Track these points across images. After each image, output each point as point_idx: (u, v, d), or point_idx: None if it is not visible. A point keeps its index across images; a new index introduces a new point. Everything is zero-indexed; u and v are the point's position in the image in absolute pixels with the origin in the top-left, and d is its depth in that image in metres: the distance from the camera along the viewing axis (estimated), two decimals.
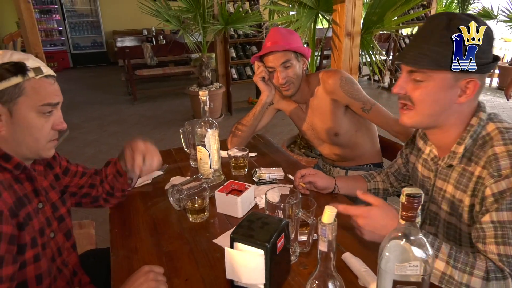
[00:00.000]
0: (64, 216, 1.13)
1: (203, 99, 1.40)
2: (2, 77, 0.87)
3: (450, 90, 0.93)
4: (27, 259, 0.91)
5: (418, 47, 0.94)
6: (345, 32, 2.20)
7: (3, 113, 0.90)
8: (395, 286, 0.70)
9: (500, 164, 0.88)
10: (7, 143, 0.93)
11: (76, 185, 1.24)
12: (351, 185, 1.40)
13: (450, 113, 0.97)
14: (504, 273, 0.83)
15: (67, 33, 8.89)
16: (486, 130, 0.96)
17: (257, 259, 0.84)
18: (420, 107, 0.97)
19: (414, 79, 0.95)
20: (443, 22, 0.91)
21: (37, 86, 0.92)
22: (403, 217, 0.67)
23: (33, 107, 0.92)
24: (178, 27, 4.59)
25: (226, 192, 1.28)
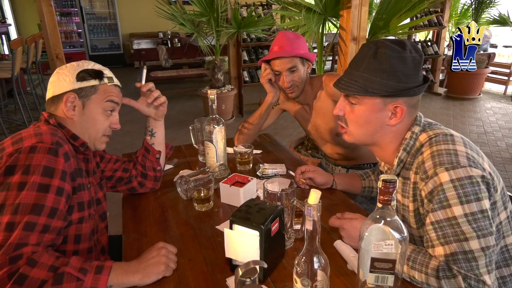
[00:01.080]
0: (101, 200, 1.28)
1: (211, 98, 1.50)
2: (85, 78, 1.12)
3: (380, 112, 1.02)
4: (73, 219, 1.07)
5: (350, 73, 1.04)
6: (351, 37, 2.28)
7: (78, 104, 1.12)
8: (373, 263, 0.79)
9: (425, 166, 0.96)
10: (75, 129, 1.14)
11: (111, 169, 1.39)
12: (347, 182, 1.48)
13: (384, 133, 1.06)
14: (453, 271, 0.87)
15: (86, 35, 9.17)
16: (419, 141, 1.03)
17: (252, 240, 0.93)
18: (354, 128, 1.07)
19: (350, 102, 1.05)
20: (371, 51, 1.00)
21: (107, 89, 1.17)
22: (380, 201, 0.75)
23: (100, 104, 1.15)
24: (192, 30, 4.73)
25: (230, 183, 1.37)
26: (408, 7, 2.30)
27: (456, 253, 0.88)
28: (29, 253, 0.86)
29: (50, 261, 0.88)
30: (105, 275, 0.91)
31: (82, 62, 1.17)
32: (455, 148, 0.95)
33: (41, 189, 0.93)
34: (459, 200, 0.88)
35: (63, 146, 1.02)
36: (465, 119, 5.27)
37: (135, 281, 0.96)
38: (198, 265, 1.05)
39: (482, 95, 6.40)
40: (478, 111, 5.67)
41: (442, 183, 0.91)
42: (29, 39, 5.02)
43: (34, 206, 0.91)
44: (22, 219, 0.88)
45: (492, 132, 4.76)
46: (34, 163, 0.94)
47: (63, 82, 1.12)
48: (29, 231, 0.89)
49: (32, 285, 0.84)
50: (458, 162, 0.92)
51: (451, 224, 0.89)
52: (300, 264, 0.80)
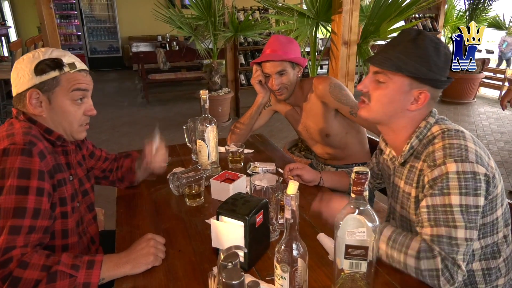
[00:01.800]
0: (88, 191, 1.30)
1: (203, 98, 1.56)
2: (43, 71, 1.05)
3: (404, 95, 1.07)
4: (56, 214, 1.08)
5: (386, 52, 1.08)
6: (342, 41, 2.34)
7: (43, 100, 1.08)
8: (347, 250, 0.84)
9: (435, 155, 1.01)
10: (48, 123, 1.11)
11: (100, 168, 1.45)
12: (335, 179, 1.54)
13: (401, 116, 1.10)
14: (434, 252, 0.92)
15: (85, 38, 9.23)
16: (431, 132, 1.09)
17: (237, 230, 0.98)
18: (376, 105, 1.11)
19: (377, 80, 1.09)
20: (411, 36, 1.05)
21: (70, 78, 1.09)
22: (353, 191, 0.81)
23: (67, 95, 1.09)
24: (190, 34, 4.80)
25: (220, 180, 1.43)
26: (397, 12, 2.37)
27: (442, 236, 0.94)
28: (18, 255, 0.89)
29: (41, 261, 0.91)
30: (97, 269, 0.96)
31: (38, 52, 1.08)
32: (466, 144, 1.00)
33: (20, 191, 0.94)
34: (459, 191, 0.95)
35: (36, 145, 1.00)
36: (459, 123, 5.34)
37: (125, 271, 1.01)
38: (187, 256, 1.11)
39: (476, 100, 6.48)
40: (472, 115, 5.75)
41: (448, 172, 0.96)
42: (28, 41, 5.09)
43: (16, 210, 0.92)
44: (5, 223, 0.90)
45: (485, 136, 4.84)
46: (9, 166, 0.94)
47: (23, 78, 1.06)
48: (15, 234, 0.90)
49: (26, 286, 0.88)
50: (467, 157, 0.97)
51: (445, 211, 0.95)
52: (280, 251, 0.86)
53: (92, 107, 1.18)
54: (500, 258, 1.10)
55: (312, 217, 1.30)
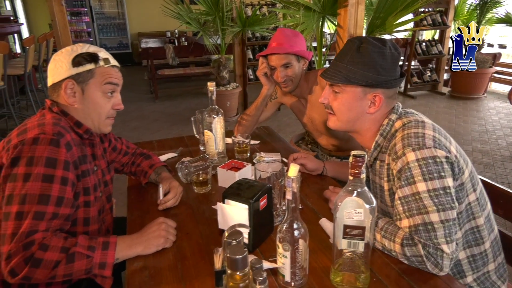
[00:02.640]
0: (108, 182, 1.37)
1: (211, 89, 1.61)
2: (80, 63, 1.12)
3: (360, 101, 1.13)
4: (80, 202, 1.14)
5: (335, 65, 1.15)
6: (348, 34, 2.37)
7: (77, 90, 1.14)
8: (346, 230, 0.88)
9: (396, 148, 1.06)
10: (78, 115, 1.17)
11: (119, 162, 1.52)
12: (337, 169, 1.58)
13: (364, 120, 1.16)
14: (415, 240, 0.97)
15: (95, 34, 9.35)
16: (394, 127, 1.14)
17: (242, 212, 1.03)
18: (338, 114, 1.18)
19: (334, 91, 1.16)
20: (355, 45, 1.11)
21: (104, 72, 1.16)
22: (351, 174, 0.85)
23: (99, 87, 1.16)
24: (198, 29, 4.85)
25: (227, 168, 1.48)
26: (403, 6, 2.38)
27: (418, 224, 0.98)
28: (40, 239, 0.95)
29: (60, 243, 0.96)
30: (112, 250, 1.01)
31: (76, 46, 1.16)
32: (423, 132, 1.05)
33: (45, 179, 0.99)
34: (423, 177, 0.98)
35: (64, 136, 1.06)
36: (468, 118, 5.32)
37: (138, 251, 1.07)
38: (195, 238, 1.16)
39: (487, 95, 6.42)
40: (481, 110, 5.70)
41: (408, 162, 1.01)
42: (41, 37, 5.19)
43: (41, 196, 0.97)
44: (30, 209, 0.95)
45: (494, 131, 4.81)
46: (37, 155, 0.99)
47: (60, 69, 1.12)
48: (39, 219, 0.96)
49: (47, 266, 0.94)
50: (424, 144, 1.01)
51: (415, 199, 0.99)
52: (282, 231, 0.91)
53: (120, 102, 1.24)
54: (484, 244, 1.13)
55: (315, 204, 1.34)
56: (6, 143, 1.06)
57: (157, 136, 4.70)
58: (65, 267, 0.95)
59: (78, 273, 0.97)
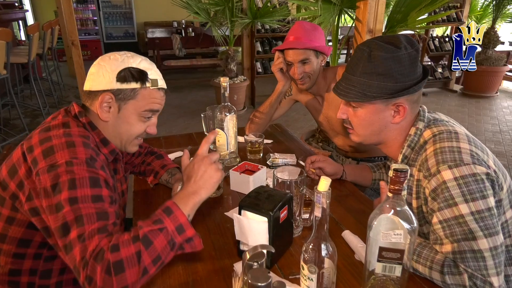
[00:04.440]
0: (124, 192, 1.26)
1: (224, 85, 1.50)
2: (126, 79, 1.00)
3: (382, 113, 1.02)
4: None
5: (347, 78, 1.03)
6: (367, 29, 2.24)
7: (113, 106, 1.03)
8: (381, 252, 0.78)
9: (428, 163, 0.95)
10: (107, 130, 1.07)
11: (132, 163, 1.43)
12: (357, 173, 1.48)
13: (389, 130, 1.06)
14: (459, 269, 0.86)
15: (101, 23, 9.21)
16: (423, 137, 1.03)
17: (261, 226, 0.93)
18: (358, 129, 1.08)
19: (352, 106, 1.05)
20: (365, 54, 0.99)
21: (148, 95, 1.04)
22: (390, 190, 0.75)
23: (138, 111, 1.05)
24: (206, 19, 4.72)
25: (240, 171, 1.38)
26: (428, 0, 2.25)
27: (465, 251, 0.87)
28: (107, 244, 0.82)
29: (126, 236, 0.84)
30: (177, 210, 0.89)
31: (127, 57, 1.03)
32: (458, 145, 0.94)
33: (96, 200, 0.88)
34: (464, 198, 0.87)
35: (97, 161, 0.96)
36: (481, 117, 5.18)
37: (202, 197, 0.96)
38: (207, 250, 1.06)
39: (499, 94, 6.26)
40: (494, 109, 5.56)
41: (445, 181, 0.90)
42: (45, 25, 5.07)
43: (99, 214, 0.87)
44: (92, 227, 0.84)
45: (508, 131, 4.67)
46: (78, 176, 0.89)
47: (102, 78, 1.00)
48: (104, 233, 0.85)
49: (131, 263, 0.81)
50: (461, 160, 0.90)
51: (459, 223, 0.88)
52: (307, 251, 0.81)
53: (155, 126, 1.13)
54: None
55: (336, 212, 1.24)
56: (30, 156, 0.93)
57: (163, 129, 4.60)
58: (148, 253, 0.83)
59: (164, 251, 0.86)
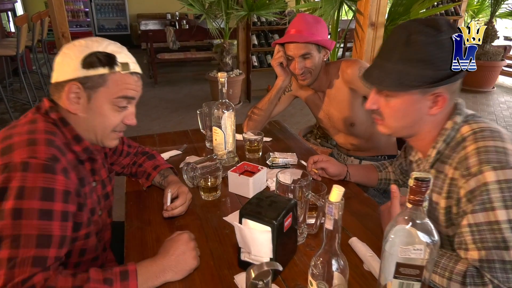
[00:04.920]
0: (109, 194, 1.16)
1: (221, 81, 1.42)
2: (92, 65, 0.90)
3: (419, 104, 0.93)
4: (79, 235, 0.95)
5: (381, 65, 0.94)
6: (369, 22, 2.16)
7: (82, 96, 0.92)
8: (398, 268, 0.71)
9: (469, 162, 0.87)
10: (79, 125, 0.96)
11: (120, 164, 1.32)
12: (362, 174, 1.41)
13: (424, 123, 0.97)
14: (484, 279, 0.80)
15: (93, 14, 9.01)
16: (460, 133, 0.94)
17: (264, 236, 0.86)
18: (390, 121, 0.99)
19: (384, 95, 0.96)
20: (403, 38, 0.90)
21: (120, 80, 0.94)
22: (410, 200, 0.68)
23: (110, 99, 0.94)
24: (201, 11, 4.60)
25: (239, 172, 1.30)
26: None
27: (493, 260, 0.80)
28: (42, 282, 0.75)
29: (69, 283, 0.77)
30: (133, 280, 0.82)
31: (92, 41, 0.93)
32: (504, 146, 0.86)
33: (43, 216, 0.79)
34: (505, 204, 0.80)
35: (60, 161, 0.85)
36: (478, 112, 5.12)
37: (166, 279, 0.89)
38: (205, 259, 0.99)
39: (496, 89, 6.23)
40: (492, 104, 5.52)
41: (487, 183, 0.82)
42: (34, 16, 4.91)
43: (40, 238, 0.77)
44: (27, 254, 0.75)
45: (505, 127, 4.63)
46: (29, 185, 0.79)
47: (67, 66, 0.90)
48: (39, 266, 0.76)
49: None
50: (507, 162, 0.83)
51: (492, 229, 0.80)
52: (316, 265, 0.74)
53: (133, 116, 1.01)
54: None
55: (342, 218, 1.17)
56: None
57: (156, 124, 4.50)
58: None
59: None
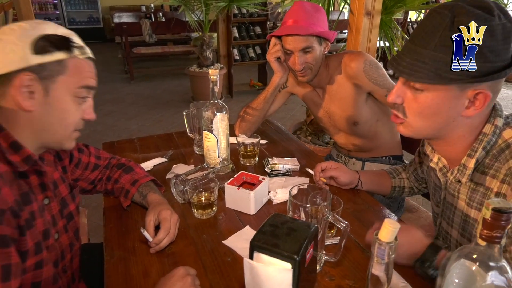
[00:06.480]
0: (73, 214, 0.97)
1: (213, 78, 1.23)
2: (45, 49, 0.75)
3: (454, 101, 0.78)
4: (27, 267, 0.75)
5: (415, 52, 0.77)
6: (364, 10, 2.01)
7: (37, 90, 0.76)
8: None
9: None
10: (31, 126, 0.79)
11: (87, 180, 1.12)
12: (375, 181, 1.26)
13: (455, 126, 0.82)
14: None
15: (62, 7, 8.56)
16: (502, 138, 0.80)
17: (283, 274, 0.69)
18: (415, 119, 0.83)
19: (413, 88, 0.80)
20: (446, 20, 0.74)
21: (80, 67, 0.81)
22: (483, 236, 0.52)
23: (71, 89, 0.80)
24: (179, 3, 4.36)
25: (237, 185, 1.12)
26: None
27: None
28: None
29: None
30: None
31: (37, 23, 0.78)
32: None
33: None
34: None
35: None
36: None
37: None
38: None
39: None
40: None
41: None
42: None
43: None
44: None
45: None
46: None
47: (12, 54, 0.73)
48: None
49: None
50: None
51: None
52: None
53: (92, 109, 0.87)
54: None
55: (357, 234, 1.01)
56: None
57: (134, 122, 4.25)
58: None
59: None
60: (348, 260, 0.91)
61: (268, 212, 1.12)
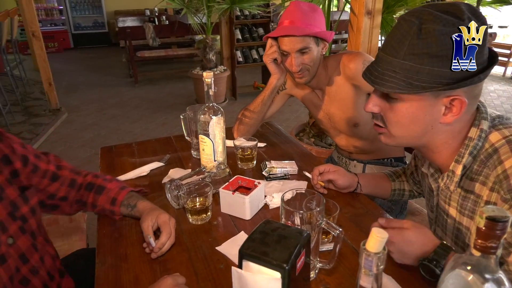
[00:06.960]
0: (25, 216, 0.92)
1: (208, 81, 1.21)
2: None
3: (430, 108, 0.76)
4: None
5: (386, 61, 0.76)
6: (365, 10, 1.98)
7: None
8: None
9: (511, 183, 0.71)
10: None
11: (46, 192, 1.04)
12: (374, 184, 1.23)
13: (435, 133, 0.80)
14: None
15: (67, 12, 8.63)
16: (489, 142, 0.78)
17: (272, 284, 0.67)
18: (394, 129, 0.82)
19: (388, 97, 0.79)
20: (413, 28, 0.72)
21: None
22: (477, 246, 0.49)
23: None
24: (181, 5, 4.36)
25: (232, 189, 1.10)
26: None
27: None
28: None
29: None
30: None
31: None
32: None
33: None
34: None
35: None
36: None
37: None
38: None
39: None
40: (482, 93, 5.44)
41: None
42: (2, 14, 4.58)
43: None
44: None
45: None
46: None
47: None
48: None
49: None
50: None
51: None
52: None
53: None
54: None
55: (352, 238, 0.99)
56: None
57: (138, 125, 4.25)
58: None
59: None
60: (343, 267, 0.89)
61: (264, 217, 1.10)
